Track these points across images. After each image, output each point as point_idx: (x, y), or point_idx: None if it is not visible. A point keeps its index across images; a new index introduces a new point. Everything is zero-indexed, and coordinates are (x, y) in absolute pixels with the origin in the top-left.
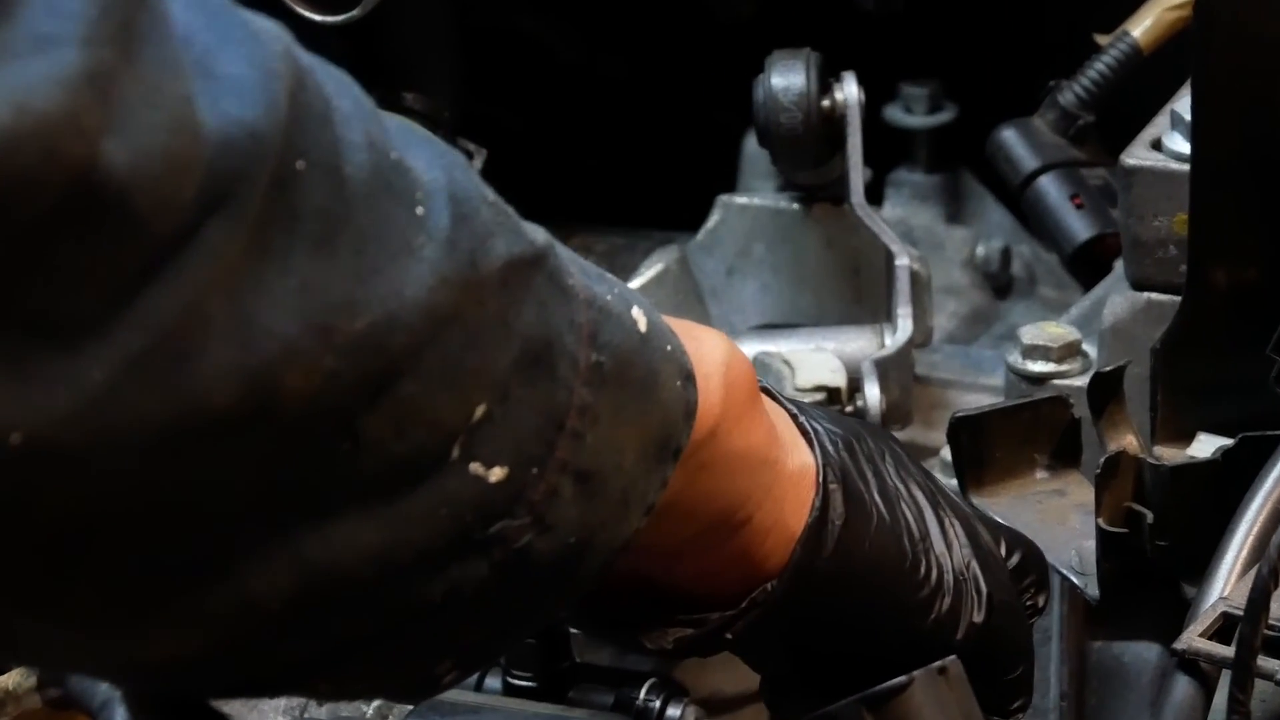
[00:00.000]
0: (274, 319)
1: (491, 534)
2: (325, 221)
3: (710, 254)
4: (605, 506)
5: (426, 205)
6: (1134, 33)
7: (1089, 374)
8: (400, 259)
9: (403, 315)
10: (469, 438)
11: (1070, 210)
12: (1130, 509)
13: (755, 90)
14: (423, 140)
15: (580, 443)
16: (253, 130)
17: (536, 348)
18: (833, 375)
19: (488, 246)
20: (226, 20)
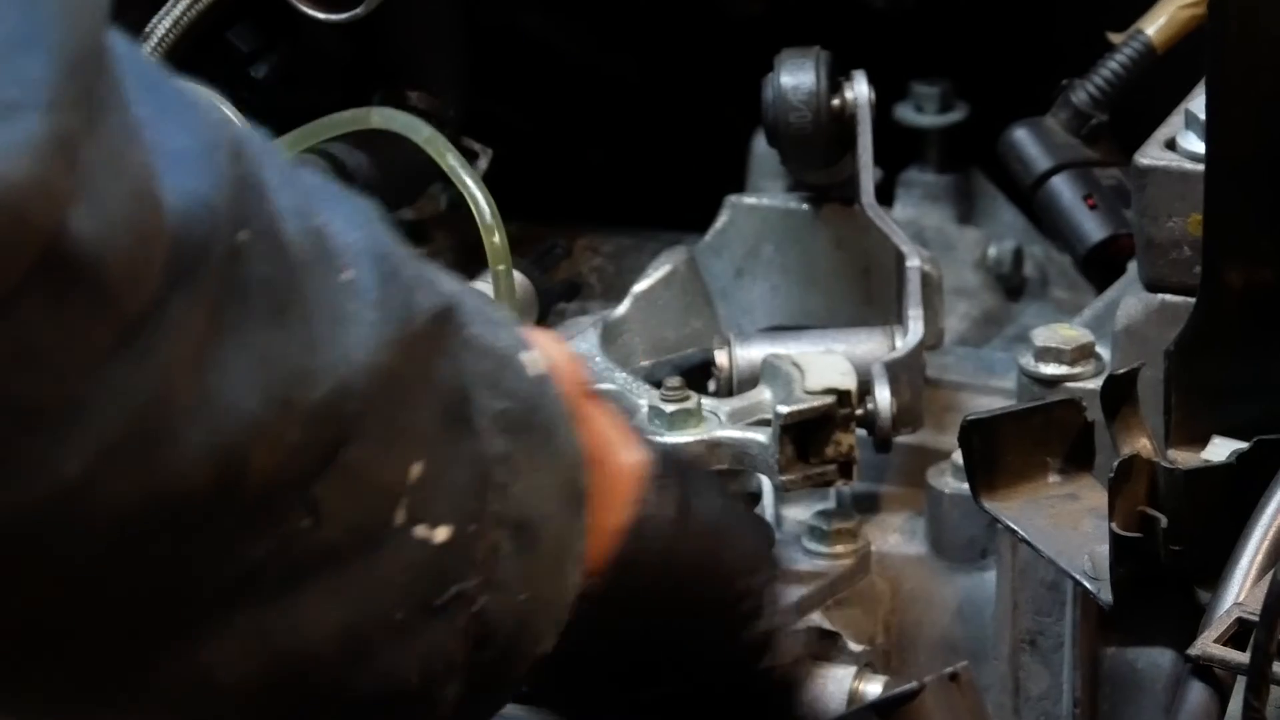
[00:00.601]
0: (238, 395)
1: (449, 598)
2: (273, 292)
3: (718, 255)
4: (543, 560)
5: (353, 269)
6: (1148, 31)
7: (1102, 377)
8: (342, 325)
9: (353, 381)
10: (411, 499)
11: (1083, 211)
12: (1144, 513)
13: (764, 89)
14: (340, 198)
15: (506, 494)
16: (206, 203)
17: (455, 401)
18: (843, 378)
19: (414, 302)
20: (164, 90)
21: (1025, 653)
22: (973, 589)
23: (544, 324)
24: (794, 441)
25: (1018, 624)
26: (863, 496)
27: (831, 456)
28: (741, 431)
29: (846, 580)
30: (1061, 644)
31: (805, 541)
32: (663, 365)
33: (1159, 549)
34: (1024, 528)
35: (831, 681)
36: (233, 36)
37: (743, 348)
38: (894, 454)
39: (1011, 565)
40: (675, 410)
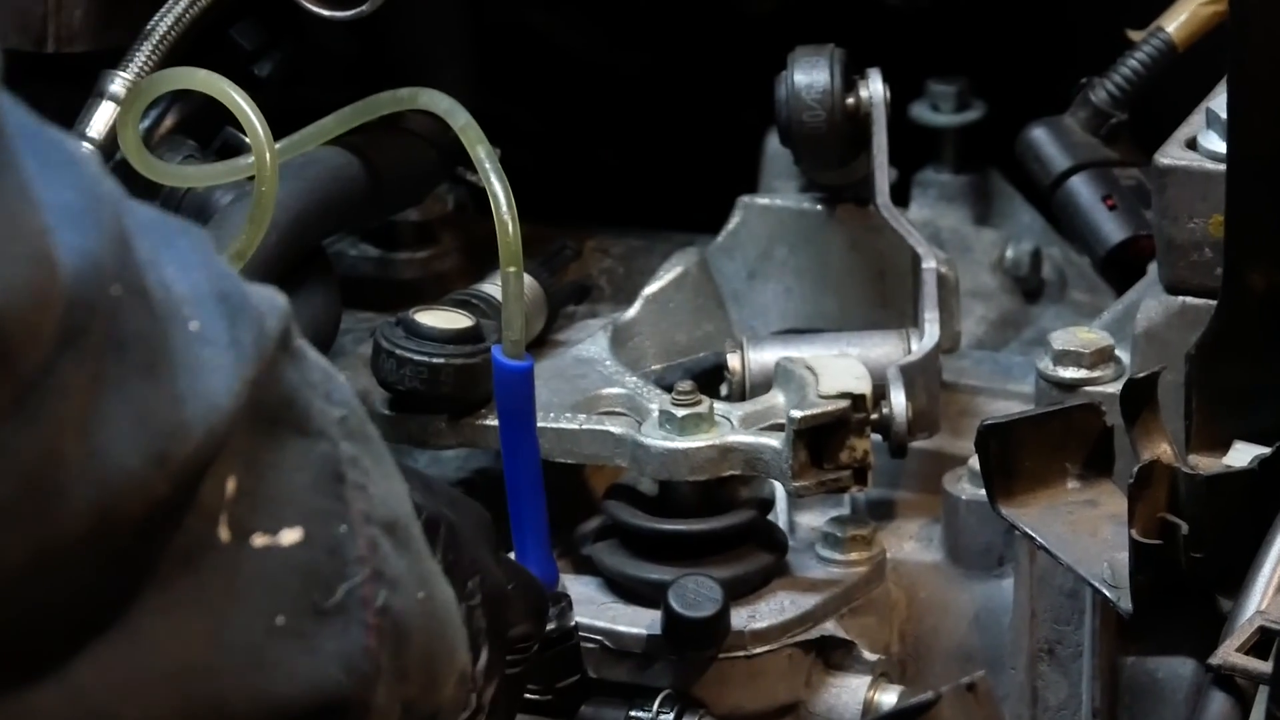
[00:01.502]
0: (120, 453)
1: (341, 597)
2: (145, 346)
3: (731, 257)
4: (423, 561)
5: (198, 318)
6: (1168, 28)
7: (1122, 381)
8: (203, 374)
9: (220, 428)
10: (231, 514)
11: (1103, 211)
12: (1164, 520)
13: (777, 88)
14: (171, 237)
15: (366, 494)
16: (95, 260)
17: (281, 408)
18: (857, 382)
19: (263, 333)
20: (44, 144)
21: (1043, 662)
22: (990, 597)
23: (553, 327)
24: (808, 447)
25: (1036, 633)
26: (878, 503)
27: (846, 462)
28: (754, 437)
29: (861, 588)
30: (1080, 653)
31: (819, 549)
32: (674, 369)
33: (1180, 556)
34: (1042, 534)
35: (846, 691)
36: (235, 34)
37: (755, 351)
38: (909, 459)
39: (1029, 573)
40: (686, 415)
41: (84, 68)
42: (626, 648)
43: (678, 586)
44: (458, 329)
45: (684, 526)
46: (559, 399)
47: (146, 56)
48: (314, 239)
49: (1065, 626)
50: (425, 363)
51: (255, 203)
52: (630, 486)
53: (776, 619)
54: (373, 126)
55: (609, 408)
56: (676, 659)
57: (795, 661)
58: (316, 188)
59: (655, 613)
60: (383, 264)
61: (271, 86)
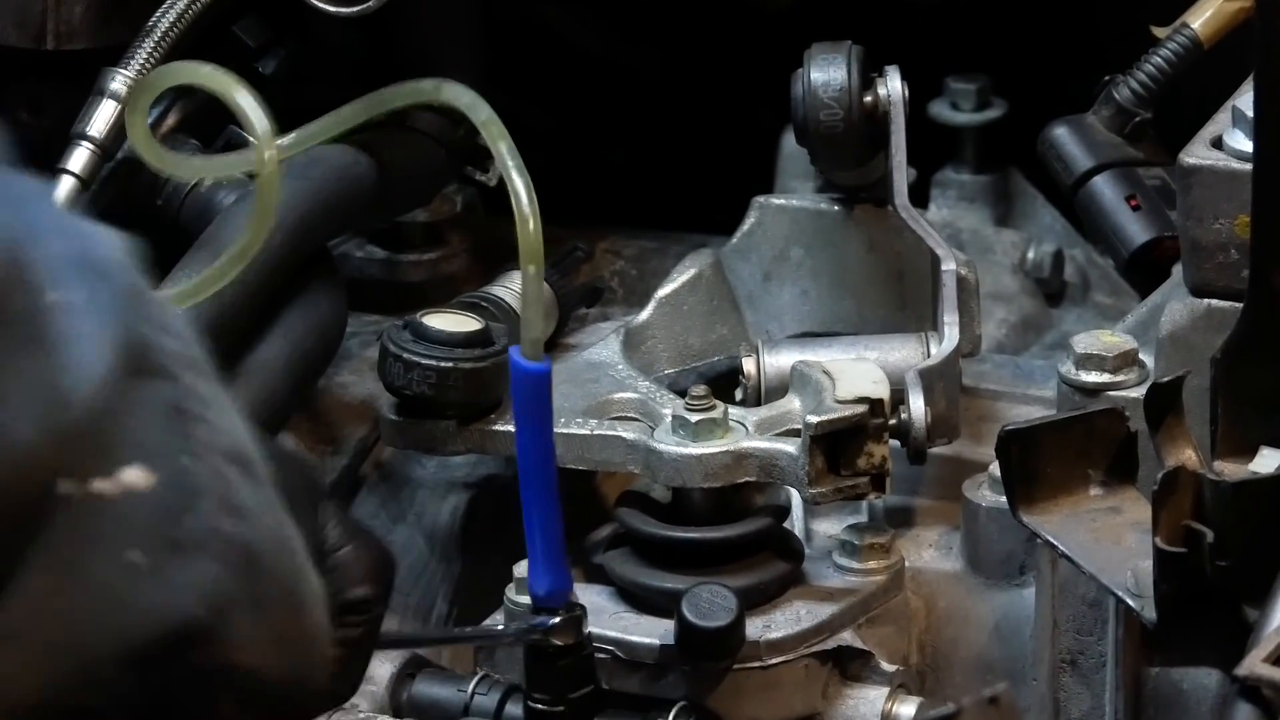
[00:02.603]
0: (11, 423)
1: (190, 528)
2: (27, 323)
3: (746, 258)
4: (269, 490)
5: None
6: (1193, 25)
7: (1146, 385)
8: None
9: (101, 393)
10: (66, 465)
11: (1126, 212)
12: (1189, 527)
13: (793, 85)
14: (28, 203)
15: (209, 425)
16: None
17: (124, 351)
18: (875, 386)
19: (116, 289)
20: None
21: (1066, 673)
22: (1011, 606)
23: (564, 330)
24: (824, 453)
25: (1058, 643)
26: (896, 510)
27: (863, 468)
28: (769, 442)
29: (879, 598)
30: (1103, 664)
31: (836, 557)
32: (687, 373)
33: (1205, 564)
34: (1064, 542)
35: (863, 703)
36: (239, 30)
37: (771, 355)
38: (929, 466)
39: (1051, 582)
40: (700, 420)
41: (84, 65)
42: (639, 658)
43: (691, 596)
44: (466, 332)
45: (698, 534)
46: (570, 404)
47: (148, 54)
48: (319, 240)
49: (1088, 637)
50: (433, 367)
51: (258, 201)
52: (643, 493)
53: (792, 629)
54: (380, 125)
55: (621, 413)
56: (690, 670)
57: (812, 672)
58: (322, 188)
59: (668, 623)
60: (389, 266)
61: (276, 85)
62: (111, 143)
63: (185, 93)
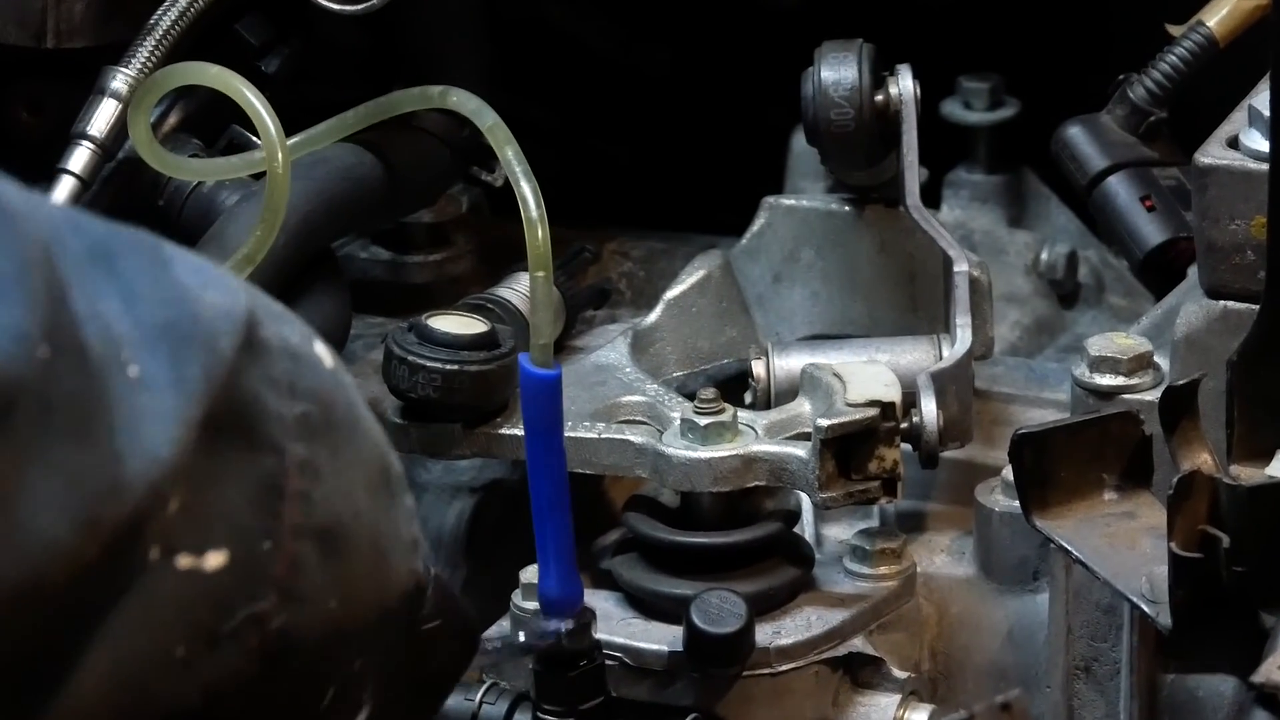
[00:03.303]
0: (44, 522)
1: (237, 623)
2: (78, 405)
3: (755, 259)
4: (358, 562)
5: (137, 362)
6: (1209, 23)
7: (1161, 388)
8: (145, 423)
9: (162, 480)
10: (165, 533)
11: (1141, 213)
12: (1205, 532)
13: (804, 84)
14: (119, 260)
15: (308, 501)
16: (21, 333)
17: (232, 418)
18: (886, 390)
19: (214, 355)
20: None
21: (1080, 680)
22: (1024, 612)
23: (571, 332)
24: (835, 457)
25: (1072, 650)
26: (907, 515)
27: (875, 472)
28: (779, 446)
29: (890, 603)
30: (1118, 671)
31: (847, 562)
32: (696, 376)
33: (1221, 570)
34: (1078, 548)
35: (875, 710)
36: (242, 29)
37: (781, 357)
38: (941, 470)
39: (1065, 587)
40: (709, 424)
41: (85, 64)
42: (647, 665)
43: (700, 601)
44: (473, 334)
45: (707, 539)
46: (577, 407)
47: (150, 52)
48: (323, 241)
49: (1102, 643)
50: (439, 369)
51: (266, 204)
52: (651, 498)
53: (803, 635)
54: (384, 125)
55: (629, 416)
56: (699, 677)
57: (822, 679)
58: (326, 188)
59: (677, 629)
60: (394, 267)
61: (279, 84)
62: (112, 143)
63: (186, 92)
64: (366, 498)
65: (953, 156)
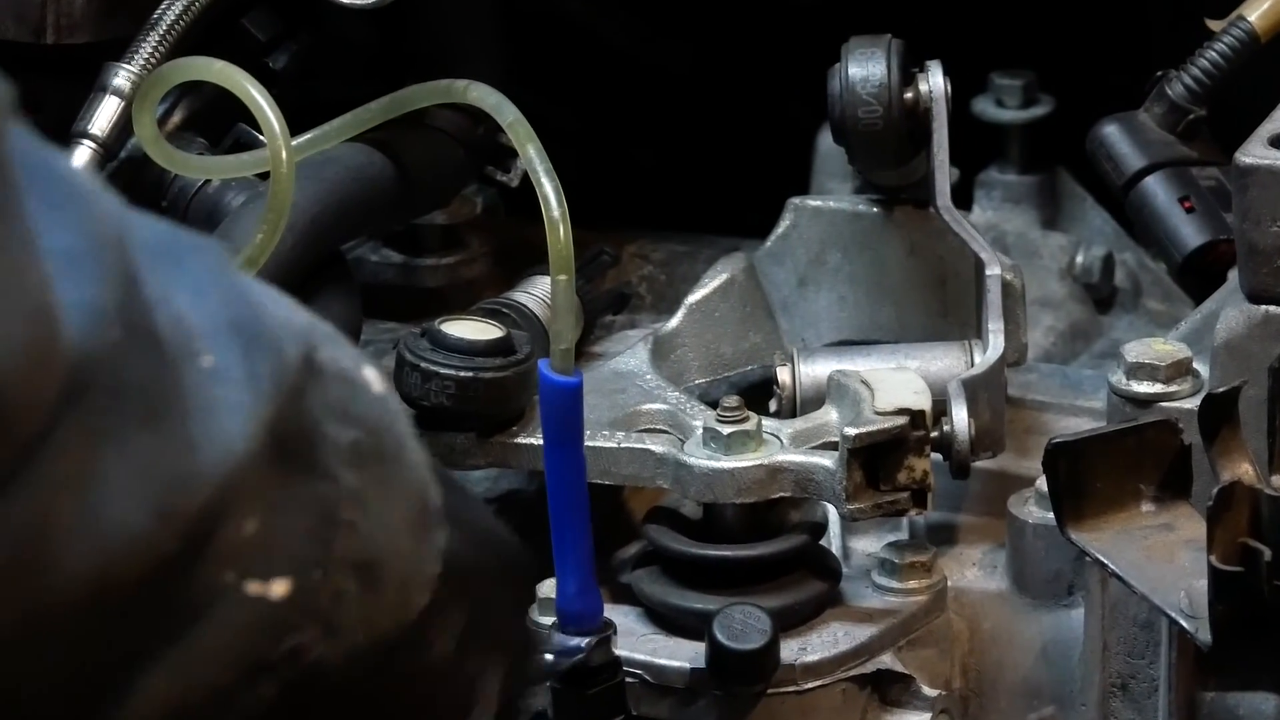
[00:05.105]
0: (121, 510)
1: (282, 654)
2: (150, 393)
3: (780, 263)
4: (387, 597)
5: (212, 351)
6: (1250, 17)
7: (1200, 396)
8: (217, 415)
9: (232, 478)
10: (240, 557)
11: (1179, 214)
12: (1246, 545)
13: (830, 81)
14: (185, 257)
15: (356, 532)
16: (97, 309)
17: (294, 443)
18: (916, 397)
19: (282, 360)
20: (49, 182)
21: (1116, 698)
22: (1058, 628)
23: (590, 338)
24: (863, 467)
25: (1108, 666)
26: (938, 527)
27: (904, 483)
28: (805, 456)
29: (920, 619)
30: (1156, 688)
31: (875, 576)
32: (719, 383)
33: (1262, 584)
34: (1115, 561)
35: None
36: (249, 24)
37: (807, 364)
38: (972, 480)
39: (1101, 602)
40: (733, 432)
41: (86, 60)
42: (668, 682)
43: (723, 617)
44: (488, 340)
45: (730, 552)
46: (596, 415)
47: (153, 48)
48: (332, 244)
49: (1139, 660)
50: (453, 377)
51: (269, 205)
52: (672, 509)
53: (829, 651)
54: (396, 123)
55: (649, 425)
56: (722, 694)
57: (849, 697)
58: (335, 189)
59: (699, 645)
60: (406, 270)
61: (287, 80)
62: (114, 141)
63: (191, 89)
64: (405, 532)
65: (985, 156)
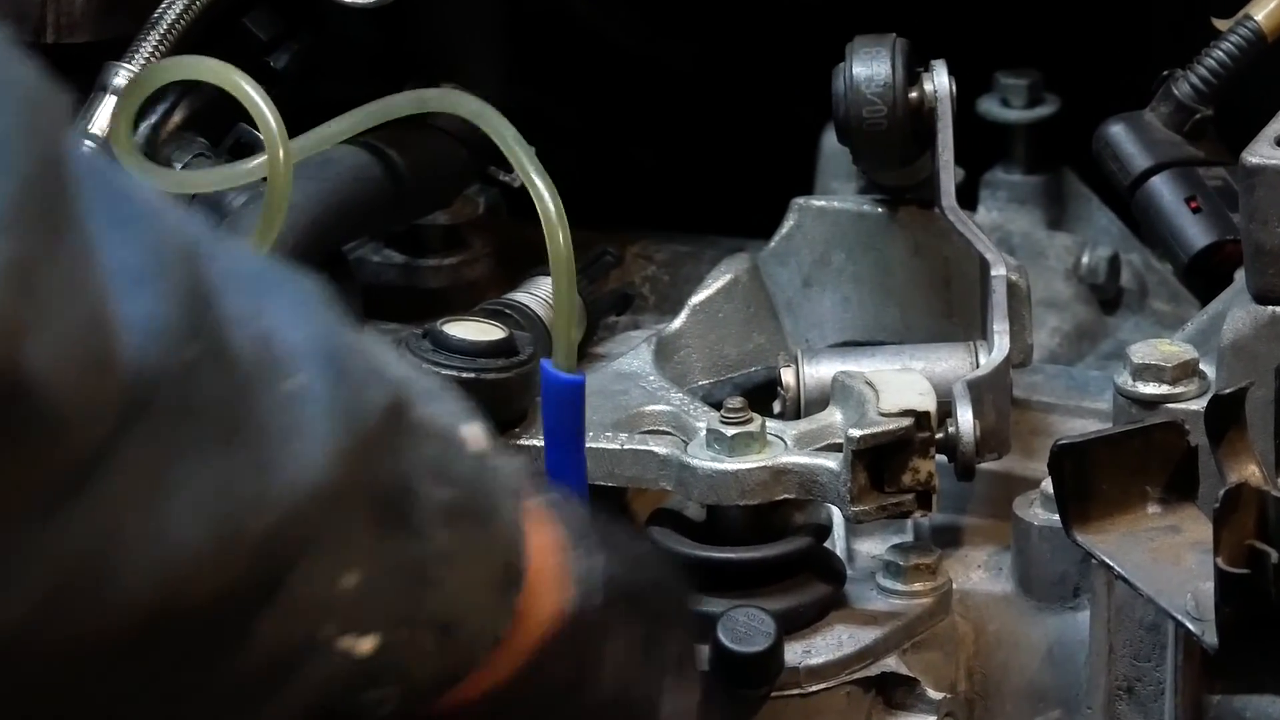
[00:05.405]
0: (186, 529)
1: (356, 707)
2: (222, 411)
3: (784, 263)
4: (461, 651)
5: (303, 374)
6: (1257, 16)
7: (1207, 397)
8: (292, 440)
9: (303, 505)
10: (341, 613)
11: (1186, 214)
12: (1253, 547)
13: (835, 81)
14: (282, 287)
15: (443, 591)
16: (162, 326)
17: (395, 500)
18: (921, 398)
19: (365, 400)
20: (115, 195)
21: (1122, 701)
22: (1064, 631)
23: (592, 339)
24: (867, 468)
25: (1114, 669)
26: (943, 529)
27: (909, 485)
28: (810, 457)
29: (925, 621)
30: (1162, 691)
31: (880, 579)
32: (723, 384)
33: (1269, 586)
34: (1120, 563)
35: None
36: (250, 23)
37: (811, 365)
38: (977, 482)
39: (1107, 605)
40: (736, 434)
41: (86, 59)
42: None
43: (727, 619)
44: (490, 341)
45: (733, 555)
46: (599, 417)
47: (153, 47)
48: (333, 244)
49: (1145, 663)
50: (455, 378)
51: (266, 205)
52: (675, 511)
53: (834, 654)
54: (397, 123)
55: (653, 426)
56: (726, 697)
57: (854, 700)
58: (335, 189)
59: (703, 648)
60: (408, 271)
61: (288, 80)
62: None
63: (192, 87)
64: (486, 591)
65: (990, 156)
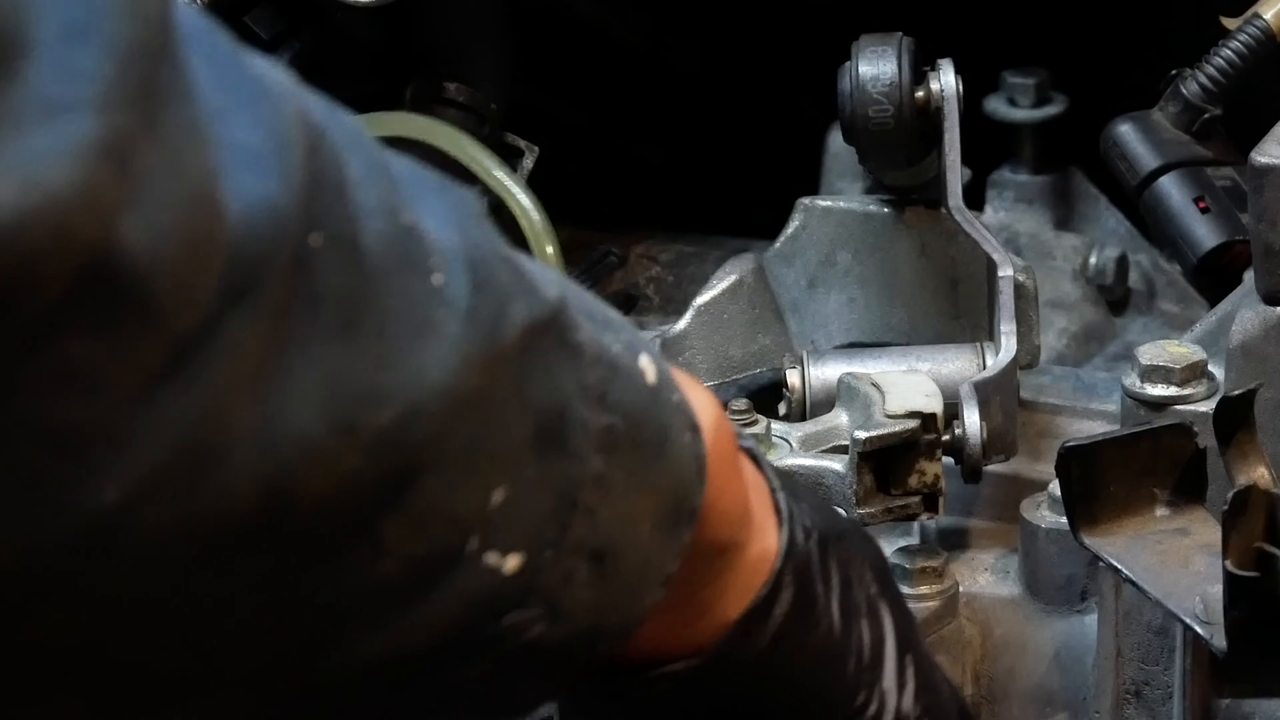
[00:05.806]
0: (297, 417)
1: (501, 628)
2: (345, 302)
3: (790, 264)
4: (620, 586)
5: (444, 273)
6: (1266, 15)
7: (1215, 398)
8: (422, 337)
9: (426, 404)
10: (486, 527)
11: (1194, 215)
12: (1262, 550)
13: (840, 80)
14: (434, 191)
15: (594, 518)
16: (273, 207)
17: (549, 420)
18: (927, 400)
19: (507, 313)
20: (236, 75)
21: (1130, 705)
22: (1071, 634)
23: None
24: (873, 470)
25: (1121, 673)
26: (949, 531)
27: (915, 487)
28: (815, 459)
29: (932, 624)
30: (1170, 695)
31: None
32: (728, 386)
33: (1278, 589)
34: (1128, 566)
35: None
36: (252, 21)
37: (816, 366)
38: (984, 484)
39: (1114, 608)
40: None
41: None
42: None
43: None
44: None
45: None
46: None
47: None
48: None
49: (1154, 666)
50: None
51: None
52: None
53: None
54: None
55: None
56: None
57: None
58: None
59: None
60: None
61: None
62: None
63: None
64: (649, 527)
65: (997, 155)
